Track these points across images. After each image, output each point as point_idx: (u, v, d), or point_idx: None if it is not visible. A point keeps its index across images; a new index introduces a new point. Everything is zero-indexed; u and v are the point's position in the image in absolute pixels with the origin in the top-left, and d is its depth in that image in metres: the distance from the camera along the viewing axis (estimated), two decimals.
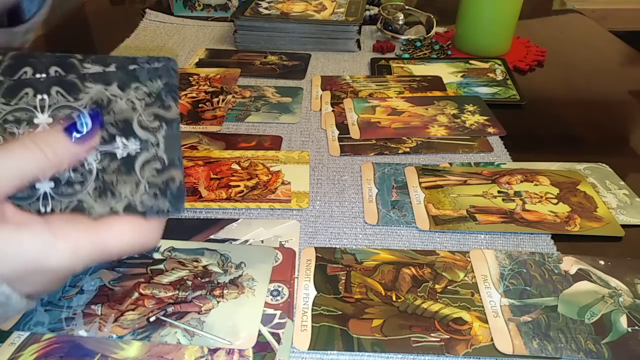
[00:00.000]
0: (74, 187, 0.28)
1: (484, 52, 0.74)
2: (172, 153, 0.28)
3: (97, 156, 0.28)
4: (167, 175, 0.28)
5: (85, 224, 0.27)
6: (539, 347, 0.34)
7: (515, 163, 0.52)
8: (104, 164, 0.28)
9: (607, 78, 0.72)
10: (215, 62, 0.72)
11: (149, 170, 0.28)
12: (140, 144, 0.28)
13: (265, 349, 0.33)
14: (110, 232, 0.27)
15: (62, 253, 0.26)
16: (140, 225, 0.28)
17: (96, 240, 0.27)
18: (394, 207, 0.46)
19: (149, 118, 0.28)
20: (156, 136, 0.28)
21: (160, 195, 0.28)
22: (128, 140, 0.28)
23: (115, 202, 0.28)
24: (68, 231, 0.26)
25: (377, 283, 0.38)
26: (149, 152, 0.28)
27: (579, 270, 0.40)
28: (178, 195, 0.28)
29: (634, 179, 0.50)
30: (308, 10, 0.80)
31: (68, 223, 0.27)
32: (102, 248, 0.27)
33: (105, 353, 0.33)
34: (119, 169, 0.28)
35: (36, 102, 0.27)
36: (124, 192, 0.28)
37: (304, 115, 0.60)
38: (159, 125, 0.28)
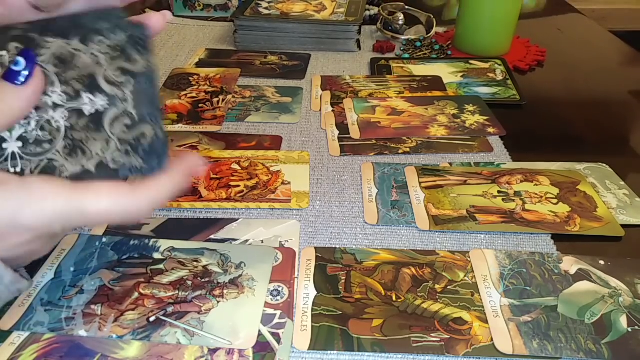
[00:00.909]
0: (43, 146, 0.27)
1: (484, 52, 0.74)
2: (142, 108, 0.27)
3: (64, 114, 0.27)
4: (138, 131, 0.27)
5: (63, 184, 0.27)
6: (539, 347, 0.34)
7: (515, 163, 0.52)
8: (72, 122, 0.27)
9: (607, 78, 0.72)
10: (215, 62, 0.72)
11: (119, 126, 0.27)
12: (108, 99, 0.27)
13: (265, 349, 0.33)
14: (88, 194, 0.26)
15: (36, 210, 0.26)
16: (122, 192, 0.27)
17: (73, 200, 0.26)
18: (394, 207, 0.46)
19: (115, 73, 0.27)
20: (123, 91, 0.27)
21: (132, 152, 0.27)
22: (95, 96, 0.27)
23: (87, 160, 0.27)
24: (44, 190, 0.26)
25: (377, 283, 0.38)
26: (117, 108, 0.27)
27: (579, 270, 0.40)
28: (150, 152, 0.27)
29: (634, 179, 0.50)
30: (308, 10, 0.80)
31: (45, 182, 0.26)
32: (79, 209, 0.26)
33: (105, 353, 0.33)
34: (88, 126, 0.27)
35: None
36: (95, 149, 0.27)
37: (304, 115, 0.60)
38: (126, 79, 0.27)
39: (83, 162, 0.27)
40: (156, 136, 0.28)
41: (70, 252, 0.39)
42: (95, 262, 0.39)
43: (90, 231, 0.42)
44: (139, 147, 0.27)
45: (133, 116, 0.27)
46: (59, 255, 0.39)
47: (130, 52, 0.27)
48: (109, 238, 0.41)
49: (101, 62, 0.27)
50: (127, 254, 0.40)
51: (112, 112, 0.27)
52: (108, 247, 0.40)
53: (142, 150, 0.27)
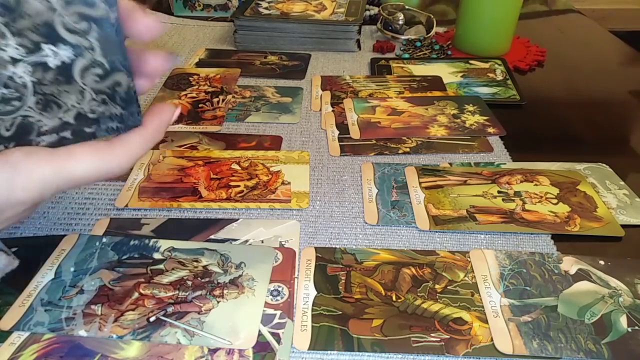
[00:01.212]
0: (12, 104, 0.26)
1: (484, 52, 0.74)
2: (112, 56, 0.26)
3: (27, 68, 0.25)
4: (112, 80, 0.26)
5: (45, 153, 0.27)
6: (539, 347, 0.34)
7: (515, 163, 0.52)
8: (38, 76, 0.26)
9: (607, 78, 0.72)
10: (215, 62, 0.72)
11: (91, 76, 0.26)
12: (73, 49, 0.25)
13: (265, 349, 0.33)
14: (72, 159, 0.27)
15: (27, 185, 0.26)
16: (103, 149, 0.28)
17: (59, 167, 0.27)
18: (394, 207, 0.46)
19: (74, 19, 0.25)
20: (88, 39, 0.25)
21: (110, 101, 0.27)
22: (57, 47, 0.25)
23: (63, 112, 0.27)
24: (28, 163, 0.26)
25: (377, 283, 0.38)
26: (84, 58, 0.26)
27: (579, 270, 0.40)
28: (127, 99, 0.27)
29: (634, 179, 0.50)
30: (308, 10, 0.80)
31: (27, 155, 0.27)
32: (66, 175, 0.27)
33: (105, 353, 0.33)
34: (57, 79, 0.26)
35: None
36: (70, 102, 0.26)
37: (304, 115, 0.60)
38: (88, 26, 0.25)
39: (60, 115, 0.27)
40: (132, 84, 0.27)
41: (70, 252, 0.39)
42: (95, 262, 0.39)
43: (90, 231, 0.42)
44: (116, 95, 0.27)
45: (104, 65, 0.26)
46: (59, 255, 0.39)
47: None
48: (109, 238, 0.41)
49: (55, 6, 0.25)
50: (127, 254, 0.40)
51: (81, 62, 0.26)
52: (108, 247, 0.40)
53: (120, 98, 0.27)
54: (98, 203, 0.45)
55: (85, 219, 0.44)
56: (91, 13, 0.25)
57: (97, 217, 0.44)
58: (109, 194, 0.46)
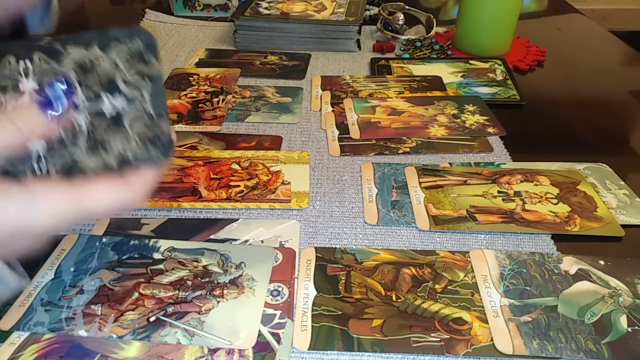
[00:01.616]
0: (67, 149, 0.28)
1: (484, 52, 0.74)
2: (158, 107, 0.29)
3: (86, 115, 0.28)
4: (157, 128, 0.29)
5: (65, 186, 0.28)
6: (539, 347, 0.34)
7: (515, 163, 0.52)
8: (95, 124, 0.28)
9: (607, 78, 0.72)
10: (215, 62, 0.72)
11: (139, 125, 0.29)
12: (127, 100, 0.29)
13: (265, 349, 0.33)
14: (90, 193, 0.28)
15: (44, 214, 0.26)
16: (120, 185, 0.29)
17: (77, 201, 0.27)
18: (394, 207, 0.46)
19: (132, 75, 0.29)
20: (141, 92, 0.29)
21: (151, 147, 0.29)
22: (114, 97, 0.28)
23: (108, 156, 0.29)
24: (48, 194, 0.27)
25: (377, 283, 0.38)
26: (136, 109, 0.29)
27: (579, 270, 0.40)
28: (167, 144, 0.29)
29: (634, 179, 0.50)
30: (308, 10, 0.80)
31: (47, 185, 0.27)
32: (83, 207, 0.27)
33: (105, 353, 0.33)
34: (109, 127, 0.29)
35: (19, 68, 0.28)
36: (116, 147, 0.29)
37: (304, 115, 0.60)
38: (142, 82, 0.29)
39: (104, 158, 0.29)
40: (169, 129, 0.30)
41: (70, 252, 0.39)
42: (95, 262, 0.39)
43: (90, 231, 0.42)
44: (158, 142, 0.29)
45: (151, 114, 0.29)
46: (59, 255, 0.39)
47: (146, 55, 0.29)
48: (109, 238, 0.41)
49: (119, 66, 0.29)
50: (127, 254, 0.40)
51: (132, 111, 0.29)
52: (108, 247, 0.40)
53: (161, 144, 0.29)
54: None
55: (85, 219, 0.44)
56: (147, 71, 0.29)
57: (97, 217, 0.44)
58: None
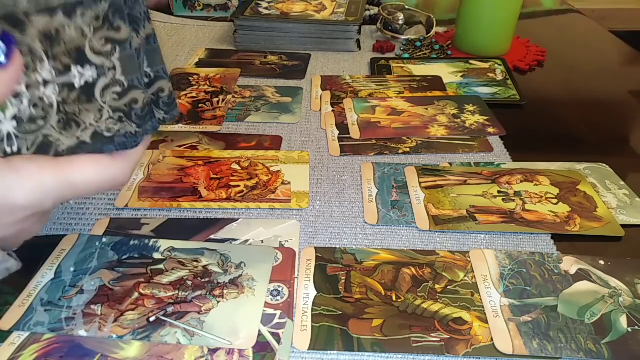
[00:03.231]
0: (37, 123, 0.27)
1: (484, 52, 0.74)
2: (131, 75, 0.27)
3: (55, 89, 0.27)
4: (129, 97, 0.28)
5: (48, 161, 0.27)
6: (539, 347, 0.34)
7: (515, 163, 0.52)
8: (64, 96, 0.27)
9: (607, 78, 0.72)
10: (215, 62, 0.72)
11: (110, 95, 0.27)
12: (97, 69, 0.27)
13: (265, 349, 0.33)
14: (74, 167, 0.27)
15: (27, 189, 0.26)
16: (105, 161, 0.28)
17: (60, 174, 0.27)
18: (394, 207, 0.46)
19: (100, 42, 0.27)
20: (111, 60, 0.27)
21: (125, 118, 0.28)
22: (83, 68, 0.27)
23: (81, 131, 0.27)
24: (31, 168, 0.26)
25: (377, 283, 0.38)
26: (106, 77, 0.27)
27: (579, 270, 0.40)
28: (142, 115, 0.28)
29: (634, 179, 0.50)
30: (308, 10, 0.80)
31: (30, 161, 0.27)
32: (67, 183, 0.27)
33: (105, 353, 0.33)
34: (79, 98, 0.27)
35: None
36: (88, 120, 0.27)
37: (304, 115, 0.60)
38: (112, 48, 0.27)
39: (78, 134, 0.27)
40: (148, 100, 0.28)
41: (70, 252, 0.39)
42: (95, 262, 0.39)
43: (90, 231, 0.42)
44: (132, 113, 0.28)
45: (122, 83, 0.27)
46: (59, 255, 0.39)
47: (113, 20, 0.27)
48: (109, 238, 0.41)
49: (86, 33, 0.26)
50: (127, 254, 0.40)
51: (102, 81, 0.27)
52: (108, 247, 0.40)
53: (135, 115, 0.28)
54: (98, 203, 0.45)
55: (85, 219, 0.44)
56: (116, 36, 0.27)
57: (97, 217, 0.44)
58: (109, 194, 0.46)
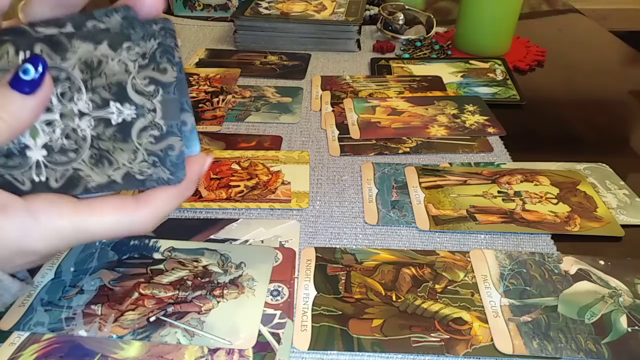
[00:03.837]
0: (68, 155, 0.26)
1: (484, 52, 0.74)
2: (170, 120, 0.27)
3: (90, 122, 0.26)
4: (166, 143, 0.27)
5: (68, 205, 0.26)
6: (539, 347, 0.34)
7: (515, 163, 0.52)
8: (99, 131, 0.26)
9: (607, 78, 0.72)
10: (215, 62, 0.72)
11: (147, 137, 0.27)
12: (136, 109, 0.26)
13: (265, 349, 0.33)
14: (93, 214, 0.26)
15: (44, 236, 0.25)
16: (126, 209, 0.27)
17: (78, 222, 0.26)
18: (394, 207, 0.46)
19: (143, 82, 0.26)
20: (152, 101, 0.26)
21: (160, 164, 0.27)
22: (123, 106, 0.26)
23: (113, 170, 0.27)
24: (49, 213, 0.26)
25: (377, 283, 0.38)
26: (145, 119, 0.26)
27: (579, 270, 0.40)
28: (177, 163, 0.27)
29: (634, 179, 0.50)
30: (308, 10, 0.80)
31: (50, 204, 0.26)
32: (85, 230, 0.26)
33: (105, 353, 0.33)
34: (115, 136, 0.26)
35: (18, 60, 0.25)
36: (122, 160, 0.27)
37: (304, 115, 0.60)
38: (155, 89, 0.26)
39: (109, 172, 0.27)
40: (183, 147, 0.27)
41: (70, 252, 0.39)
42: (95, 262, 0.39)
43: None
44: (167, 159, 0.27)
45: (161, 127, 0.27)
46: (59, 255, 0.39)
47: (160, 61, 0.26)
48: None
49: (130, 69, 0.26)
50: (127, 254, 0.40)
51: (140, 122, 0.26)
52: (108, 247, 0.40)
53: (170, 162, 0.27)
54: None
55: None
56: (160, 78, 0.26)
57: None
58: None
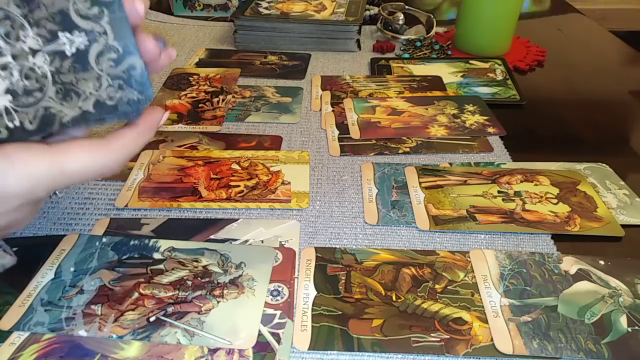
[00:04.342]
0: (34, 95, 0.26)
1: (484, 52, 0.74)
2: (124, 39, 0.27)
3: (45, 58, 0.26)
4: (126, 63, 0.27)
5: (41, 148, 0.27)
6: (539, 347, 0.34)
7: (515, 163, 0.52)
8: (56, 65, 0.26)
9: (607, 78, 0.72)
10: (215, 62, 0.72)
11: (105, 61, 0.27)
12: (87, 35, 0.26)
13: (265, 349, 0.33)
14: (68, 154, 0.27)
15: (20, 176, 0.26)
16: (99, 145, 0.28)
17: (54, 162, 0.27)
18: (394, 207, 0.46)
19: (85, 4, 0.26)
20: (100, 24, 0.26)
21: (126, 85, 0.27)
22: (72, 34, 0.26)
23: (82, 101, 0.27)
24: (23, 155, 0.26)
25: (377, 283, 0.38)
26: (98, 43, 0.26)
27: (579, 270, 0.40)
28: (143, 82, 0.27)
29: (634, 179, 0.50)
30: (308, 10, 0.80)
31: (22, 148, 0.26)
32: (60, 170, 0.27)
33: (105, 353, 0.33)
34: (74, 67, 0.26)
35: None
36: (88, 89, 0.27)
37: (304, 115, 0.60)
38: (99, 10, 0.26)
39: (79, 104, 0.27)
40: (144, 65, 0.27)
41: (70, 252, 0.39)
42: (95, 262, 0.39)
43: (90, 231, 0.42)
44: (131, 79, 0.27)
45: (117, 49, 0.27)
46: (59, 255, 0.39)
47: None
48: (109, 238, 0.41)
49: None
50: (127, 254, 0.40)
51: (95, 47, 0.26)
52: (108, 247, 0.40)
53: (135, 82, 0.27)
54: (98, 203, 0.45)
55: (85, 219, 0.44)
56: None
57: (97, 217, 0.44)
58: (109, 193, 0.46)
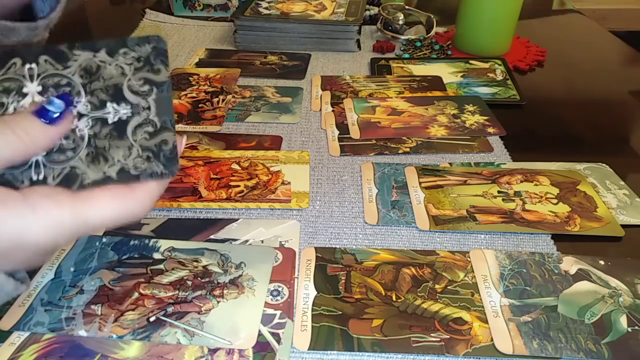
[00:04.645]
0: (66, 154, 0.28)
1: (484, 52, 0.74)
2: (164, 116, 0.28)
3: (88, 122, 0.28)
4: (160, 138, 0.28)
5: (66, 197, 0.26)
6: (539, 347, 0.34)
7: (515, 163, 0.52)
8: (96, 130, 0.28)
9: (607, 78, 0.72)
10: (215, 62, 0.72)
11: (141, 133, 0.28)
12: (131, 108, 0.28)
13: (265, 349, 0.33)
14: (91, 204, 0.27)
15: (43, 228, 0.25)
16: (123, 196, 0.28)
17: (77, 213, 0.26)
18: (394, 207, 0.46)
19: (138, 82, 0.28)
20: (147, 100, 0.28)
21: (154, 158, 0.28)
22: (119, 105, 0.28)
23: (108, 166, 0.28)
24: (48, 205, 0.26)
25: (377, 283, 0.38)
26: (140, 116, 0.28)
27: (579, 270, 0.40)
28: (171, 157, 0.28)
29: (634, 179, 0.50)
30: (308, 10, 0.80)
31: (47, 197, 0.26)
32: (84, 221, 0.26)
33: (105, 353, 0.33)
34: (111, 134, 0.28)
35: (24, 71, 0.28)
36: (117, 156, 0.28)
37: (304, 115, 0.60)
38: (149, 89, 0.28)
39: (105, 169, 0.28)
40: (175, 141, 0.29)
41: (70, 252, 0.39)
42: (95, 262, 0.39)
43: None
44: (161, 154, 0.28)
45: (155, 124, 0.28)
46: (59, 255, 0.39)
47: (154, 63, 0.28)
48: (109, 238, 0.41)
49: (126, 72, 0.28)
50: (127, 254, 0.40)
51: (135, 120, 0.28)
52: (108, 247, 0.40)
53: (164, 156, 0.28)
54: None
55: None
56: (154, 78, 0.28)
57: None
58: None
